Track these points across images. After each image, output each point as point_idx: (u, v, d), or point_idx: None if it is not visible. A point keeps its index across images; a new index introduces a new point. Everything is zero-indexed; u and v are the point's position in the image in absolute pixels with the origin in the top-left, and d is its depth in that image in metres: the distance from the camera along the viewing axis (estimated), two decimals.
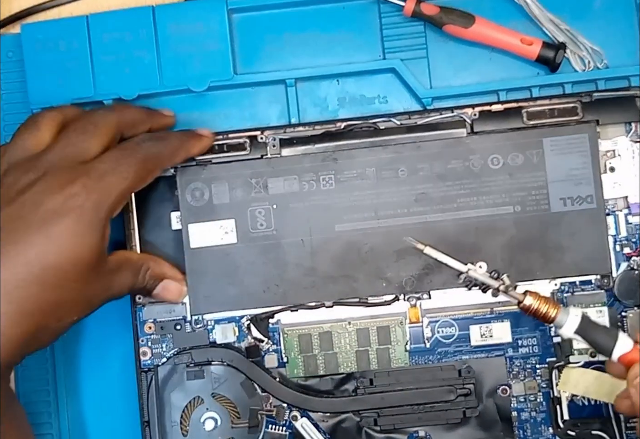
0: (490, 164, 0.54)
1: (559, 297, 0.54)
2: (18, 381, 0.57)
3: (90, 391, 0.58)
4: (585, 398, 0.54)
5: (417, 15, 0.56)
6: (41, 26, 0.58)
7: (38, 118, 0.49)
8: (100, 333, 0.58)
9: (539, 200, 0.54)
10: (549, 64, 0.55)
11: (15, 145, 0.48)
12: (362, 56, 0.57)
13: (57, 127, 0.49)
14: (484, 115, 0.55)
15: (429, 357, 0.55)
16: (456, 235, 0.54)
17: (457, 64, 0.57)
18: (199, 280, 0.54)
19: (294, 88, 0.57)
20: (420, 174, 0.54)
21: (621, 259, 0.54)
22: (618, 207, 0.55)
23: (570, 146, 0.54)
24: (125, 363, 0.56)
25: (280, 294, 0.54)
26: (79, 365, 0.58)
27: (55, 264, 0.44)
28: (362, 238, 0.54)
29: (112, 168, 0.47)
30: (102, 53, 0.57)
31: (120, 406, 0.57)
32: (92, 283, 0.47)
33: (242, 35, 0.58)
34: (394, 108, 0.57)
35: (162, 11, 0.57)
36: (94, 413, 0.57)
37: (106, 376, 0.57)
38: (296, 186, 0.55)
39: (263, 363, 0.55)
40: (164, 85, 0.57)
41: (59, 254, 0.44)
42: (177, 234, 0.55)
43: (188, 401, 0.54)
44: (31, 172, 0.46)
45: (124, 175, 0.47)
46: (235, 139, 0.55)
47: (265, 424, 0.54)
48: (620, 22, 0.56)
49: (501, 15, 0.57)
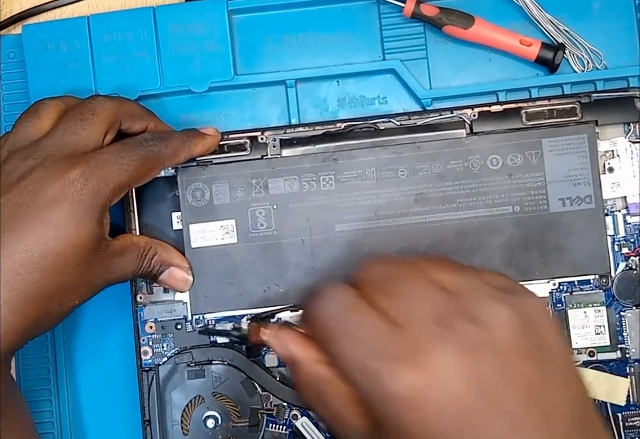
0: (489, 164, 0.54)
1: (558, 297, 0.55)
2: (20, 382, 0.58)
3: (90, 391, 0.58)
4: None
5: (416, 16, 0.56)
6: (42, 27, 0.58)
7: (39, 106, 0.49)
8: (101, 333, 0.58)
9: (538, 200, 0.54)
10: (548, 64, 0.56)
11: (16, 132, 0.49)
12: (362, 57, 0.58)
13: (58, 115, 0.49)
14: (483, 116, 0.55)
15: None
16: (455, 235, 0.54)
17: (457, 64, 0.57)
18: (200, 280, 0.55)
19: (294, 89, 0.58)
20: (420, 174, 0.54)
21: (620, 259, 0.55)
22: (617, 207, 0.55)
23: (569, 147, 0.54)
24: (126, 362, 0.57)
25: (280, 294, 0.54)
26: (80, 365, 0.58)
27: (55, 250, 0.44)
28: (362, 238, 0.54)
29: (112, 159, 0.47)
30: (103, 54, 0.57)
31: (120, 405, 0.57)
32: (93, 267, 0.47)
33: (242, 36, 0.58)
34: (393, 109, 0.58)
35: (162, 12, 0.57)
36: (94, 412, 0.58)
37: (107, 376, 0.58)
38: (296, 186, 0.55)
39: (263, 362, 0.55)
40: (165, 86, 0.57)
41: (58, 240, 0.45)
42: (177, 234, 0.55)
43: (189, 400, 0.55)
44: (30, 159, 0.46)
45: (124, 167, 0.47)
46: (235, 139, 0.55)
47: (265, 423, 0.55)
48: (619, 23, 0.57)
49: (500, 16, 0.57)
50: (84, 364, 0.58)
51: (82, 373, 0.58)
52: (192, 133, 0.53)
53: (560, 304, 0.54)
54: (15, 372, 0.58)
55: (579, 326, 0.53)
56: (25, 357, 0.58)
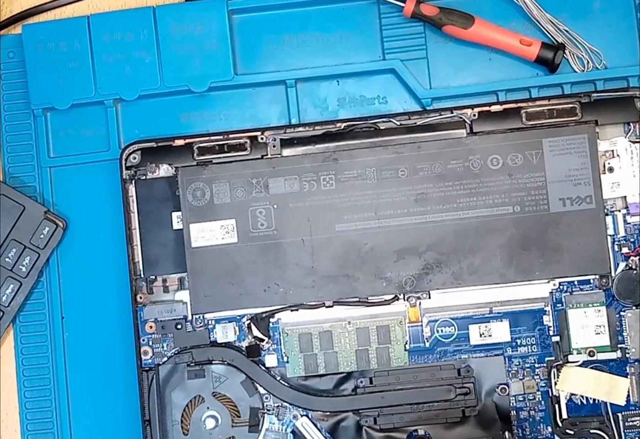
0: (489, 164, 0.54)
1: (558, 297, 0.55)
2: (20, 381, 0.58)
3: (90, 391, 0.58)
4: (584, 396, 0.54)
5: (416, 16, 0.56)
6: (42, 27, 0.58)
7: None
8: (101, 333, 0.58)
9: (538, 200, 0.54)
10: (548, 64, 0.56)
11: None
12: (362, 57, 0.58)
13: None
14: (483, 115, 0.55)
15: (428, 356, 0.55)
16: (456, 235, 0.54)
17: (457, 64, 0.57)
18: (200, 279, 0.55)
19: (294, 89, 0.58)
20: (420, 174, 0.54)
21: (620, 259, 0.55)
22: (617, 207, 0.55)
23: (569, 147, 0.54)
24: (126, 362, 0.57)
25: (280, 293, 0.54)
26: (80, 365, 0.58)
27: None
28: (362, 238, 0.54)
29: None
30: (103, 53, 0.57)
31: (120, 405, 0.57)
32: None
33: (242, 36, 0.58)
34: (393, 108, 0.58)
35: (162, 12, 0.57)
36: (94, 412, 0.58)
37: (107, 376, 0.58)
38: (297, 186, 0.55)
39: (263, 362, 0.55)
40: (165, 85, 0.57)
41: None
42: (178, 234, 0.55)
43: (189, 400, 0.55)
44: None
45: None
46: (235, 139, 0.55)
47: (265, 423, 0.55)
48: (619, 23, 0.57)
49: (500, 16, 0.57)
50: (84, 364, 0.58)
51: (82, 372, 0.58)
52: None
53: (560, 304, 0.54)
54: (15, 372, 0.58)
55: (579, 326, 0.53)
56: (25, 357, 0.58)
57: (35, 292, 0.58)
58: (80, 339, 0.58)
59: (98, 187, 0.58)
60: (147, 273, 0.56)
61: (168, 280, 0.56)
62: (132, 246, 0.56)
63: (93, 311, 0.58)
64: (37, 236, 0.57)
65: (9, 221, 0.57)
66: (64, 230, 0.58)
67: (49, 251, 0.58)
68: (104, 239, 0.58)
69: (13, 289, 0.57)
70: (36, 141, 0.59)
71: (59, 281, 0.58)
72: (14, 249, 0.57)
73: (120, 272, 0.57)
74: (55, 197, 0.59)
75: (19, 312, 0.58)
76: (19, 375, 0.58)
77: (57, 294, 0.58)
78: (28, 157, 0.59)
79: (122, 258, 0.56)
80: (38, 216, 0.57)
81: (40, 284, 0.58)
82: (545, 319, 0.55)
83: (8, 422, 0.58)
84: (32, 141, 0.59)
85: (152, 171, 0.56)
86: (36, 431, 0.57)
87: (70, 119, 0.59)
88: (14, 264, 0.57)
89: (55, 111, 0.59)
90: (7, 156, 0.59)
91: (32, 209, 0.57)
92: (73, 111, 0.58)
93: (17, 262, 0.57)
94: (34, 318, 0.58)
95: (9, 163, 0.59)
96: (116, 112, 0.58)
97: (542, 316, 0.55)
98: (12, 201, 0.57)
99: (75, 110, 0.58)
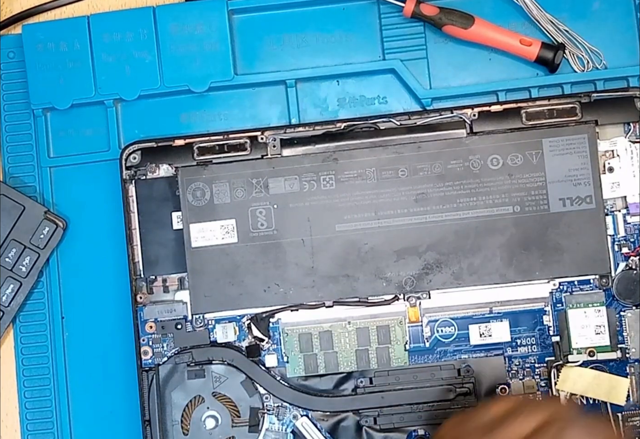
0: (489, 164, 0.54)
1: (558, 297, 0.55)
2: (20, 381, 0.58)
3: (90, 391, 0.58)
4: (584, 396, 0.54)
5: (416, 16, 0.56)
6: (42, 26, 0.58)
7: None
8: (101, 333, 0.58)
9: (539, 200, 0.54)
10: (548, 64, 0.56)
11: None
12: (362, 57, 0.58)
13: None
14: (483, 115, 0.55)
15: (428, 356, 0.55)
16: (456, 235, 0.54)
17: (457, 64, 0.57)
18: (200, 279, 0.55)
19: (294, 89, 0.58)
20: (420, 174, 0.54)
21: (620, 259, 0.55)
22: (617, 207, 0.55)
23: (569, 147, 0.54)
24: (126, 362, 0.57)
25: (280, 293, 0.54)
26: (80, 365, 0.58)
27: None
28: (362, 238, 0.54)
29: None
30: (103, 53, 0.57)
31: (120, 405, 0.57)
32: None
33: (242, 36, 0.58)
34: (393, 108, 0.58)
35: (162, 12, 0.57)
36: (94, 412, 0.58)
37: (107, 376, 0.58)
38: (297, 186, 0.55)
39: (263, 362, 0.55)
40: (165, 85, 0.57)
41: None
42: (178, 234, 0.55)
43: (189, 400, 0.55)
44: None
45: None
46: (235, 139, 0.55)
47: (265, 423, 0.55)
48: (619, 23, 0.57)
49: (500, 16, 0.57)
50: (84, 364, 0.58)
51: (82, 372, 0.58)
52: None
53: (560, 304, 0.54)
54: (15, 372, 0.58)
55: (579, 326, 0.53)
56: (25, 357, 0.58)
57: (35, 292, 0.58)
58: (80, 339, 0.58)
59: (98, 187, 0.58)
60: (147, 273, 0.56)
61: (168, 280, 0.56)
62: (132, 246, 0.56)
63: (93, 311, 0.58)
64: (37, 236, 0.57)
65: (9, 221, 0.57)
66: (64, 230, 0.58)
67: (49, 251, 0.58)
68: (104, 239, 0.58)
69: (13, 289, 0.57)
70: (36, 141, 0.59)
71: (59, 281, 0.58)
72: (14, 249, 0.57)
73: (120, 272, 0.57)
74: (55, 197, 0.59)
75: (19, 312, 0.58)
76: (19, 375, 0.58)
77: (57, 294, 0.58)
78: (28, 157, 0.59)
79: (122, 258, 0.56)
80: (38, 216, 0.57)
81: (40, 284, 0.58)
82: (545, 319, 0.55)
83: (8, 422, 0.58)
84: (32, 141, 0.59)
85: (152, 171, 0.56)
86: (36, 431, 0.57)
87: (70, 119, 0.59)
88: (14, 264, 0.57)
89: (55, 111, 0.59)
90: (7, 156, 0.59)
91: (32, 209, 0.57)
92: (73, 111, 0.58)
93: (17, 262, 0.57)
94: (34, 318, 0.58)
95: (9, 163, 0.59)
96: (116, 112, 0.58)
97: (542, 316, 0.55)
98: (12, 201, 0.57)
99: (75, 110, 0.58)
